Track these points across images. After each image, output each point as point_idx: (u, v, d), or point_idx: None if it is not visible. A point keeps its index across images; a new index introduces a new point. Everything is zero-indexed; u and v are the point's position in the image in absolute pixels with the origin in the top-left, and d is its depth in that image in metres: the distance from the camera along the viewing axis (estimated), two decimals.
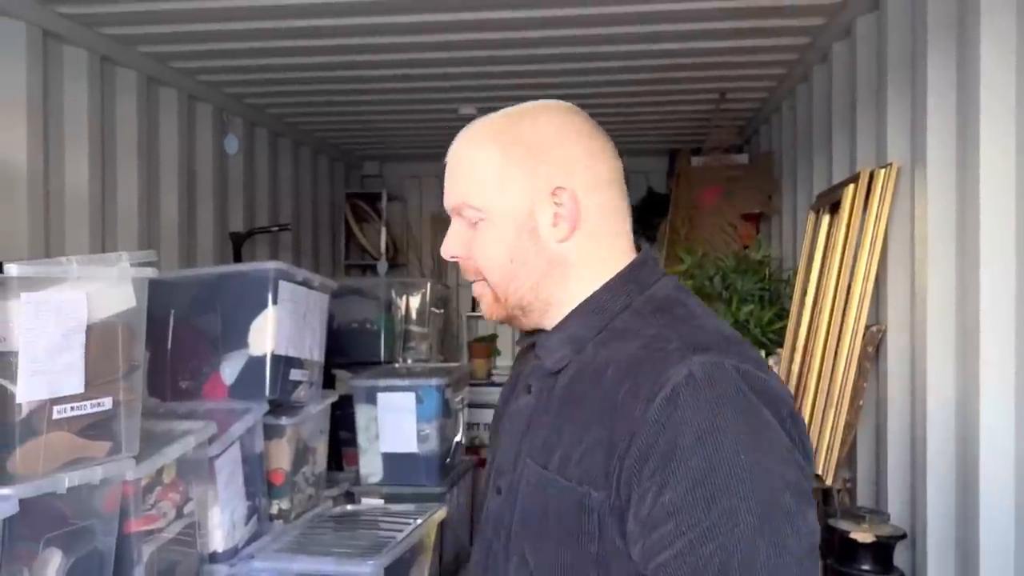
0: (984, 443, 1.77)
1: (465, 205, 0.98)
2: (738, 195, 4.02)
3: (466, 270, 1.02)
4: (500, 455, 1.03)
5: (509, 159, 0.97)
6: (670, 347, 0.87)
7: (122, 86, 3.02)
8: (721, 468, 0.80)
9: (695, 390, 0.82)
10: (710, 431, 0.81)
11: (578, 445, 0.89)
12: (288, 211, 4.49)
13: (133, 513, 1.68)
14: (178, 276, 2.44)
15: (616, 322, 0.96)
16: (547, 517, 0.91)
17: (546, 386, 0.99)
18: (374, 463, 2.90)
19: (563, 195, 0.97)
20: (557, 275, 0.99)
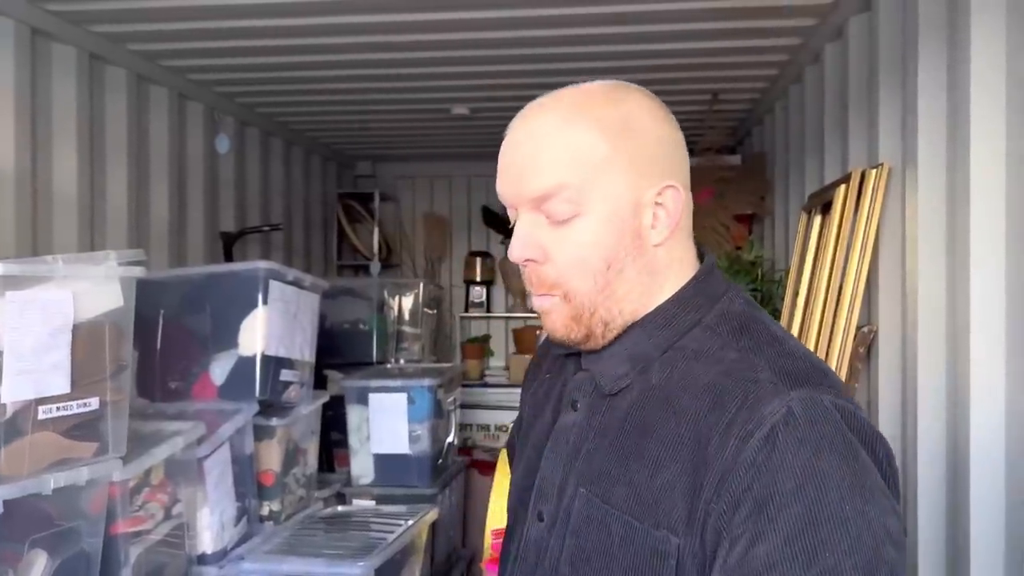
0: (974, 444, 1.77)
1: (556, 194, 0.82)
2: (730, 196, 4.02)
3: (536, 280, 0.86)
4: (542, 477, 0.92)
5: (617, 144, 0.83)
6: (761, 377, 0.78)
7: (111, 84, 3.00)
8: (824, 519, 0.71)
9: (794, 430, 0.74)
10: (811, 476, 0.72)
11: (650, 482, 0.80)
12: (279, 211, 4.47)
13: (120, 514, 1.67)
14: (167, 275, 2.42)
15: (686, 340, 0.85)
16: (612, 559, 0.81)
17: (599, 406, 0.89)
18: (365, 464, 2.89)
19: (669, 192, 0.85)
20: (647, 285, 0.87)
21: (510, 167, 0.85)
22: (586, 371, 0.91)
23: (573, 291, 0.84)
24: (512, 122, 0.87)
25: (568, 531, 0.85)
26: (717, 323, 0.86)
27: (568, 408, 0.92)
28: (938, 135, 1.98)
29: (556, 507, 0.88)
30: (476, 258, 5.33)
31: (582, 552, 0.83)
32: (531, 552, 0.91)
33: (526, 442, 1.02)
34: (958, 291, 1.85)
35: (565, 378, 0.97)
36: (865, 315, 2.39)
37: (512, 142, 0.86)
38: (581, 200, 0.82)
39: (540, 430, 0.97)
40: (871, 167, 2.30)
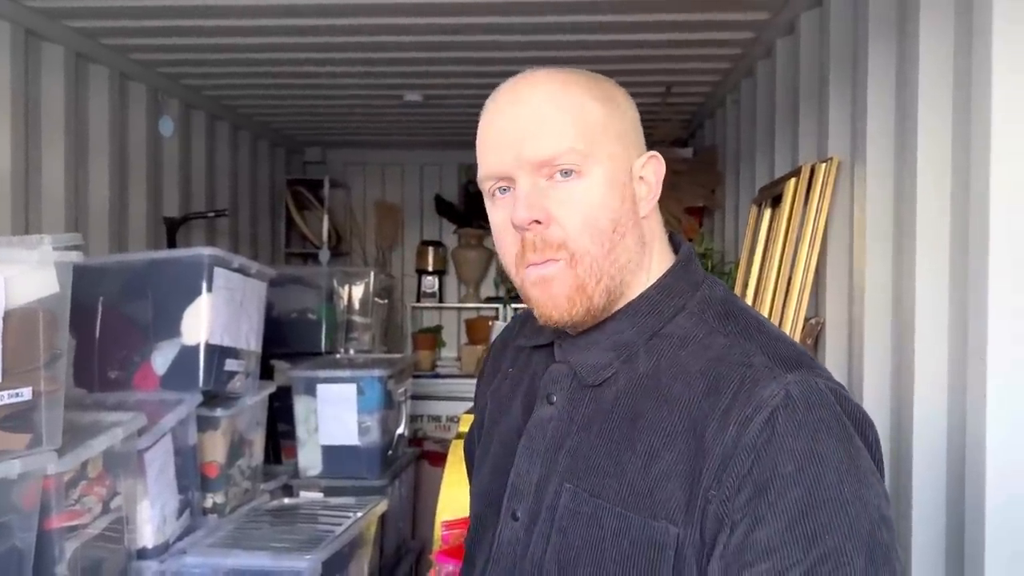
0: (917, 435, 1.80)
1: (570, 152, 0.81)
2: (682, 189, 4.05)
3: (540, 243, 0.82)
4: (516, 475, 0.89)
5: (612, 111, 0.85)
6: (755, 361, 0.78)
7: (48, 62, 2.88)
8: (823, 502, 0.72)
9: (793, 413, 0.74)
10: (811, 460, 0.73)
11: (644, 473, 0.79)
12: (225, 196, 4.37)
13: (55, 508, 1.61)
14: (107, 261, 2.35)
15: (671, 327, 0.85)
16: (603, 554, 0.79)
17: (581, 398, 0.86)
18: (313, 456, 2.85)
19: (652, 162, 0.87)
20: (640, 257, 0.86)
21: (508, 133, 0.83)
22: (562, 363, 0.89)
23: (582, 253, 0.82)
24: (496, 97, 0.87)
25: (553, 529, 0.83)
26: (701, 309, 0.85)
27: (543, 402, 0.89)
28: (886, 130, 2.01)
29: (535, 505, 0.86)
30: (428, 247, 5.28)
31: (570, 549, 0.81)
32: (506, 553, 0.88)
33: (490, 442, 0.98)
34: (903, 284, 1.89)
35: (534, 371, 0.94)
36: (813, 307, 2.43)
37: (509, 110, 0.85)
38: (585, 162, 0.82)
39: (508, 427, 0.94)
40: (820, 161, 2.33)
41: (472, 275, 5.21)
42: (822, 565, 0.70)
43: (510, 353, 1.02)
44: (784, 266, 2.43)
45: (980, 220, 1.52)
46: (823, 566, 0.70)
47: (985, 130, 1.49)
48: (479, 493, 0.98)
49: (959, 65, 1.69)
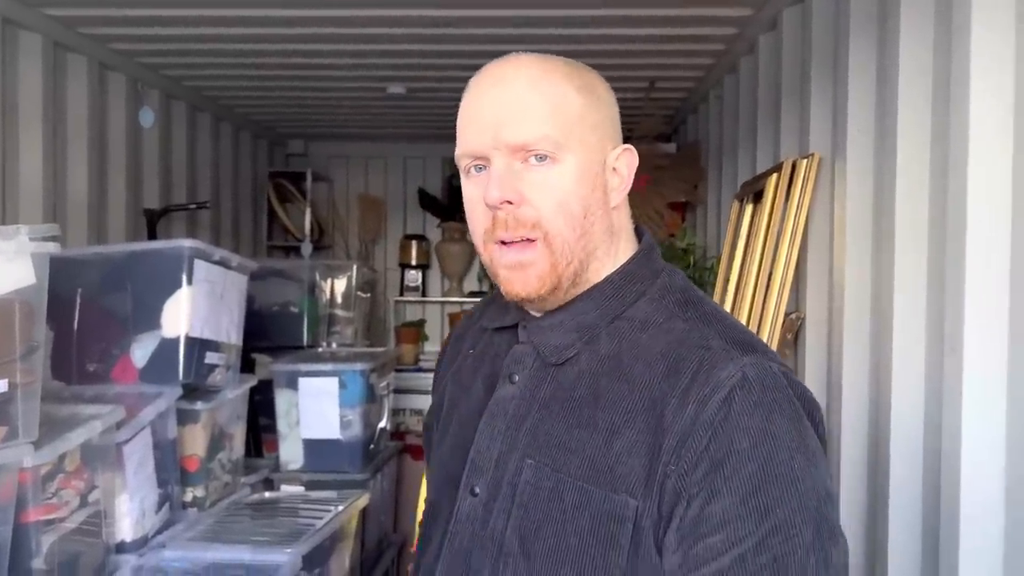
0: (894, 430, 1.82)
1: (544, 139, 0.83)
2: (665, 184, 4.06)
3: (513, 221, 0.85)
4: (476, 451, 0.91)
5: (591, 102, 0.88)
6: (712, 344, 0.82)
7: (25, 50, 2.84)
8: (775, 477, 0.76)
9: (749, 393, 0.78)
10: (765, 437, 0.77)
11: (605, 449, 0.82)
12: (207, 189, 4.33)
13: (31, 502, 1.59)
14: (86, 253, 2.32)
15: (632, 311, 0.88)
16: (565, 526, 0.82)
17: (543, 377, 0.89)
18: (295, 449, 2.84)
19: (625, 155, 0.90)
20: (608, 246, 0.90)
21: (488, 115, 0.86)
22: (525, 343, 0.92)
23: (555, 234, 0.85)
24: (481, 78, 0.89)
25: (514, 503, 0.85)
26: (661, 295, 0.89)
27: (505, 382, 0.92)
28: (866, 127, 2.03)
29: (495, 480, 0.88)
30: (412, 241, 5.27)
31: (531, 523, 0.84)
32: (465, 528, 0.90)
33: (449, 422, 1.00)
34: (882, 280, 1.90)
35: (496, 352, 0.97)
36: (793, 302, 2.44)
37: (491, 92, 0.87)
38: (559, 150, 0.84)
39: (469, 406, 0.96)
40: (802, 157, 2.34)
41: (455, 269, 5.20)
42: (773, 537, 0.75)
43: (472, 336, 1.05)
44: (765, 261, 2.44)
45: (958, 217, 1.53)
46: (774, 538, 0.75)
47: (963, 127, 1.51)
48: (438, 471, 1.00)
49: (939, 62, 1.71)
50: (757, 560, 0.75)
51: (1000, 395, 1.47)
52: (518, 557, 0.84)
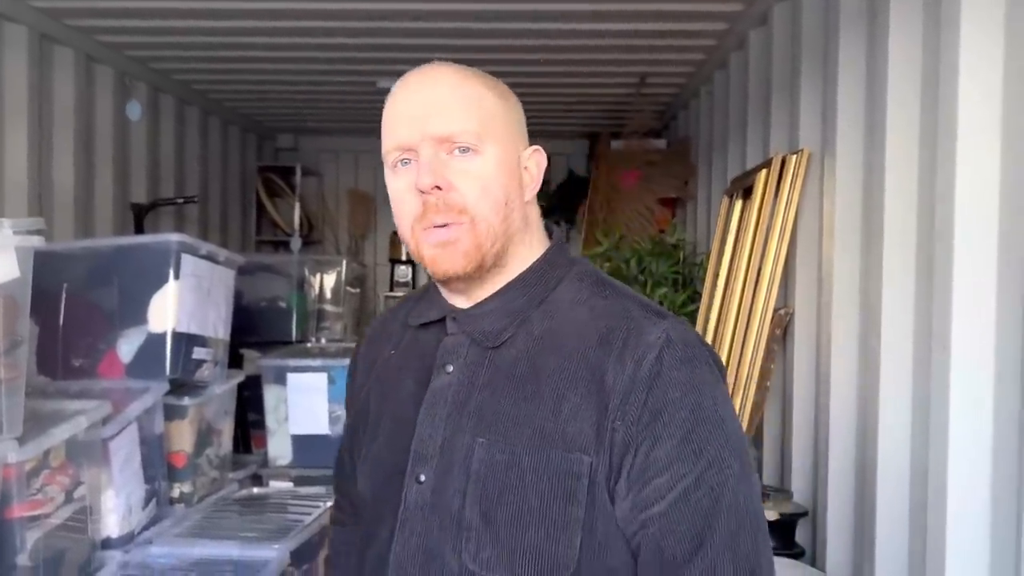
0: (882, 426, 1.83)
1: (466, 132, 0.92)
2: (656, 179, 4.07)
3: (443, 205, 0.92)
4: (419, 441, 0.96)
5: (504, 104, 0.97)
6: (634, 314, 0.93)
7: (11, 42, 2.81)
8: (704, 419, 0.88)
9: (674, 351, 0.89)
10: (692, 387, 0.88)
11: (553, 417, 0.90)
12: (195, 183, 4.31)
13: (16, 498, 1.57)
14: (72, 247, 2.29)
15: (557, 293, 0.97)
16: (525, 490, 0.90)
17: (481, 362, 0.96)
18: (283, 445, 2.82)
19: (536, 155, 0.99)
20: (523, 235, 0.98)
21: (416, 111, 0.94)
22: (455, 334, 0.99)
23: (480, 218, 0.93)
24: (405, 82, 0.97)
25: (469, 481, 0.92)
26: (579, 278, 0.99)
27: (440, 373, 0.98)
28: (856, 123, 2.03)
29: (444, 465, 0.94)
30: None
31: (490, 495, 0.91)
32: (416, 515, 0.95)
33: (379, 421, 1.04)
34: (871, 275, 1.91)
35: (423, 349, 1.02)
36: (782, 298, 2.45)
37: (418, 91, 0.96)
38: (481, 142, 0.93)
39: (401, 402, 1.01)
40: (792, 152, 2.34)
41: None
42: (708, 471, 0.87)
43: (391, 338, 1.09)
44: (754, 257, 2.45)
45: (946, 213, 1.54)
46: (709, 472, 0.87)
47: (952, 123, 1.51)
48: (374, 470, 1.03)
49: (928, 58, 1.71)
50: (697, 492, 0.86)
51: (987, 390, 1.47)
52: (480, 529, 0.91)
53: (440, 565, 0.93)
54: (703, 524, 0.86)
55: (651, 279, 3.33)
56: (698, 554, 0.86)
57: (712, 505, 0.86)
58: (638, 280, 3.37)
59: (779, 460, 2.55)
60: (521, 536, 0.90)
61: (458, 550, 0.92)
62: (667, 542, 0.87)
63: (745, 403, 2.39)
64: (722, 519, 0.86)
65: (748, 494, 0.89)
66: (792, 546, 2.17)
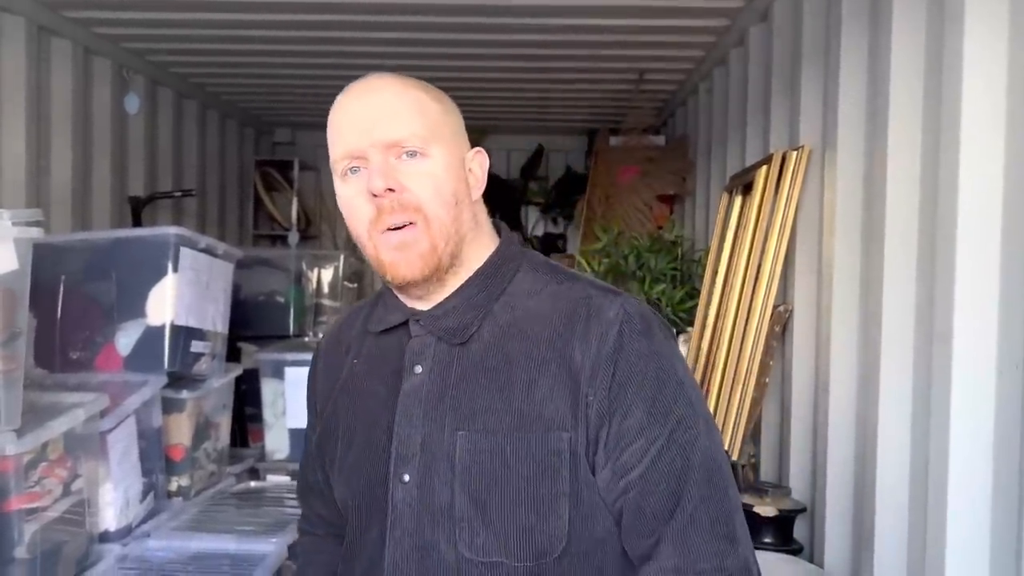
0: (882, 422, 1.83)
1: (413, 137, 0.96)
2: (654, 176, 4.06)
3: (398, 206, 0.95)
4: (399, 442, 0.99)
5: (445, 109, 1.01)
6: (590, 293, 0.99)
7: (8, 34, 2.80)
8: (668, 384, 0.95)
9: (632, 324, 0.96)
10: (653, 355, 0.95)
11: (528, 399, 0.95)
12: (193, 177, 4.29)
13: (13, 490, 1.57)
14: (70, 240, 2.29)
15: (514, 285, 1.02)
16: (511, 473, 0.94)
17: (449, 359, 0.99)
18: (280, 439, 2.81)
19: (479, 157, 1.04)
20: (475, 233, 1.02)
21: (362, 119, 0.97)
22: (419, 335, 1.01)
23: (432, 216, 0.96)
24: (349, 92, 1.00)
25: (455, 474, 0.95)
26: (533, 268, 1.04)
27: (410, 374, 1.01)
28: (857, 119, 2.02)
29: (426, 462, 0.97)
30: None
31: (479, 484, 0.95)
32: (406, 513, 0.98)
33: (353, 429, 1.06)
34: (872, 271, 1.91)
35: (386, 354, 1.04)
36: (782, 294, 2.44)
37: (363, 99, 0.98)
38: (427, 146, 0.96)
39: (372, 408, 1.03)
40: (792, 149, 2.34)
41: None
42: (676, 431, 0.94)
43: (352, 346, 1.11)
44: (754, 254, 2.44)
45: (948, 208, 1.54)
46: (677, 431, 0.94)
47: (955, 118, 1.51)
48: (354, 476, 1.05)
49: (931, 53, 1.70)
50: (670, 452, 0.93)
51: (989, 385, 1.47)
52: (472, 518, 0.94)
53: (437, 558, 0.96)
54: (678, 480, 0.93)
55: (649, 275, 3.32)
56: (677, 508, 0.93)
57: (684, 462, 0.94)
58: (636, 276, 3.37)
59: (778, 456, 2.55)
60: (513, 519, 0.94)
61: (452, 541, 0.95)
62: (647, 502, 0.94)
63: (744, 399, 2.38)
64: (694, 474, 0.94)
65: (714, 448, 0.97)
66: (790, 542, 2.17)
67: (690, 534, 0.92)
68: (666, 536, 0.93)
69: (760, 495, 2.19)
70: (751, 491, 2.24)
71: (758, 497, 2.18)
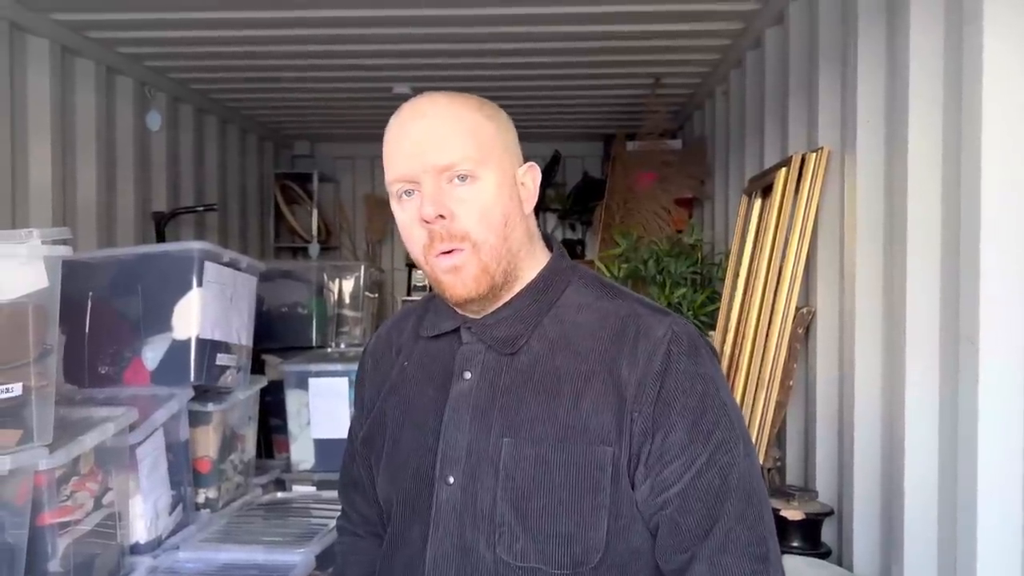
0: (909, 423, 1.81)
1: (465, 160, 0.97)
2: (672, 180, 4.06)
3: (446, 234, 0.97)
4: (446, 445, 1.01)
5: (498, 128, 1.02)
6: (640, 311, 1.01)
7: (34, 56, 2.85)
8: (711, 406, 0.96)
9: (680, 344, 0.97)
10: (698, 377, 0.97)
11: (575, 412, 0.97)
12: (214, 191, 4.34)
13: (47, 505, 1.59)
14: (96, 256, 2.32)
15: (564, 299, 1.04)
16: (554, 483, 0.96)
17: (499, 367, 1.01)
18: (305, 450, 2.83)
19: (531, 172, 1.05)
20: (528, 247, 1.05)
21: (415, 143, 0.99)
22: (469, 343, 1.04)
23: (482, 241, 0.98)
24: (402, 115, 1.02)
25: (499, 481, 0.97)
26: (584, 284, 1.06)
27: (459, 380, 1.03)
28: (877, 119, 2.01)
29: (471, 466, 0.99)
30: None
31: (520, 491, 0.96)
32: (450, 513, 1.00)
33: (400, 431, 1.08)
34: (895, 271, 1.89)
35: (438, 358, 1.07)
36: (804, 296, 2.43)
37: (415, 124, 1.00)
38: (479, 168, 0.98)
39: (422, 410, 1.06)
40: (811, 150, 2.33)
41: None
42: (717, 453, 0.95)
43: (402, 349, 1.14)
44: (775, 256, 2.44)
45: (971, 207, 1.52)
46: (717, 453, 0.95)
47: (976, 117, 1.50)
48: (401, 476, 1.07)
49: (950, 51, 1.69)
50: (709, 473, 0.95)
51: (1018, 383, 1.46)
52: (513, 523, 0.96)
53: (476, 560, 0.98)
54: (715, 502, 0.94)
55: (670, 279, 3.32)
56: (713, 528, 0.94)
57: (722, 484, 0.95)
58: (656, 281, 3.36)
59: (803, 459, 2.53)
60: (553, 527, 0.95)
61: (492, 544, 0.97)
62: (684, 520, 0.95)
63: (768, 403, 2.37)
64: (732, 496, 0.95)
65: (752, 471, 0.98)
66: (818, 546, 2.15)
67: (724, 554, 0.94)
68: (700, 555, 0.94)
69: (787, 499, 2.18)
70: (778, 495, 2.22)
71: (785, 501, 2.17)
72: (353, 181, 5.53)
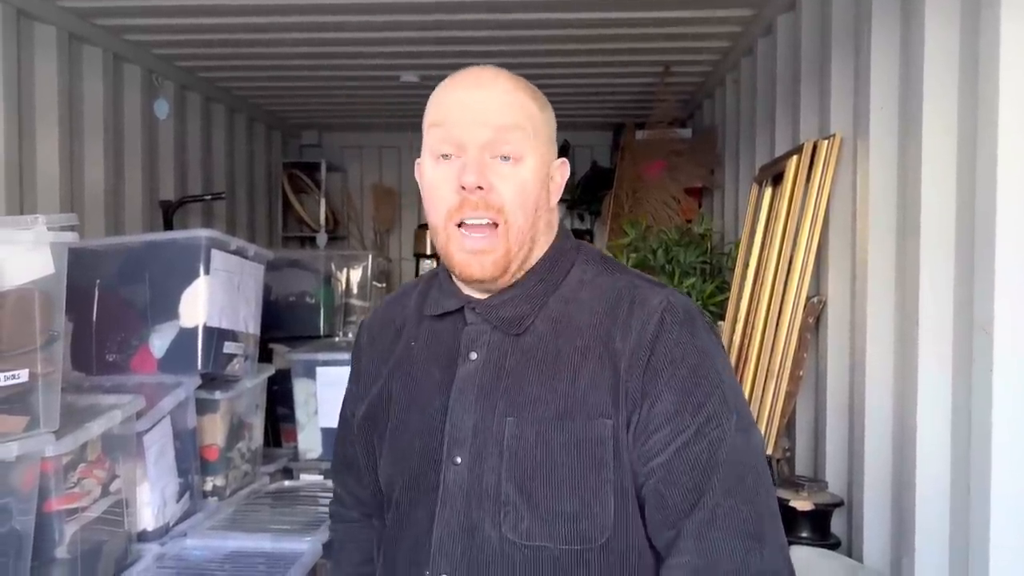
0: (920, 413, 1.79)
1: (515, 141, 0.97)
2: (681, 169, 4.03)
3: (483, 204, 0.97)
4: (452, 425, 1.01)
5: (546, 118, 1.03)
6: (637, 283, 1.01)
7: (40, 43, 2.84)
8: (704, 378, 0.95)
9: (675, 314, 0.97)
10: (692, 348, 0.96)
11: (572, 388, 0.97)
12: (222, 180, 4.34)
13: (54, 491, 1.59)
14: (103, 244, 2.32)
15: (569, 278, 1.04)
16: (555, 462, 0.95)
17: (505, 347, 1.01)
18: (313, 438, 2.83)
19: (562, 168, 1.06)
20: (546, 237, 1.05)
21: (469, 109, 0.98)
22: (475, 323, 1.04)
23: (513, 221, 0.98)
24: (462, 77, 1.02)
25: (503, 460, 0.97)
26: (586, 261, 1.07)
27: (465, 360, 1.03)
28: (890, 105, 1.99)
29: (477, 446, 0.99)
30: (426, 231, 5.24)
31: (524, 469, 0.96)
32: (456, 493, 1.00)
33: (407, 410, 1.07)
34: (908, 261, 1.87)
35: (442, 337, 1.06)
36: (815, 286, 2.41)
37: (473, 91, 1.00)
38: (524, 148, 0.98)
39: (428, 390, 1.05)
40: (823, 138, 2.31)
41: None
42: (706, 426, 0.94)
43: (406, 326, 1.12)
44: (786, 244, 2.41)
45: (987, 194, 1.50)
46: (707, 426, 0.94)
47: (993, 103, 1.47)
48: (406, 456, 1.06)
49: (965, 37, 1.67)
50: (696, 446, 0.93)
51: None
52: (518, 503, 0.96)
53: (482, 538, 0.98)
54: (702, 475, 0.93)
55: (679, 269, 3.30)
56: (699, 503, 0.93)
57: (710, 457, 0.93)
58: (665, 270, 3.34)
59: (813, 450, 2.52)
60: (558, 505, 0.95)
61: (497, 523, 0.97)
62: (669, 492, 0.94)
63: (778, 393, 2.36)
64: (720, 470, 0.93)
65: (747, 447, 0.96)
66: (828, 536, 2.14)
67: (712, 528, 0.92)
68: (686, 530, 0.93)
69: (796, 489, 2.16)
70: (787, 485, 2.21)
71: (794, 491, 2.15)
72: (361, 170, 5.52)
